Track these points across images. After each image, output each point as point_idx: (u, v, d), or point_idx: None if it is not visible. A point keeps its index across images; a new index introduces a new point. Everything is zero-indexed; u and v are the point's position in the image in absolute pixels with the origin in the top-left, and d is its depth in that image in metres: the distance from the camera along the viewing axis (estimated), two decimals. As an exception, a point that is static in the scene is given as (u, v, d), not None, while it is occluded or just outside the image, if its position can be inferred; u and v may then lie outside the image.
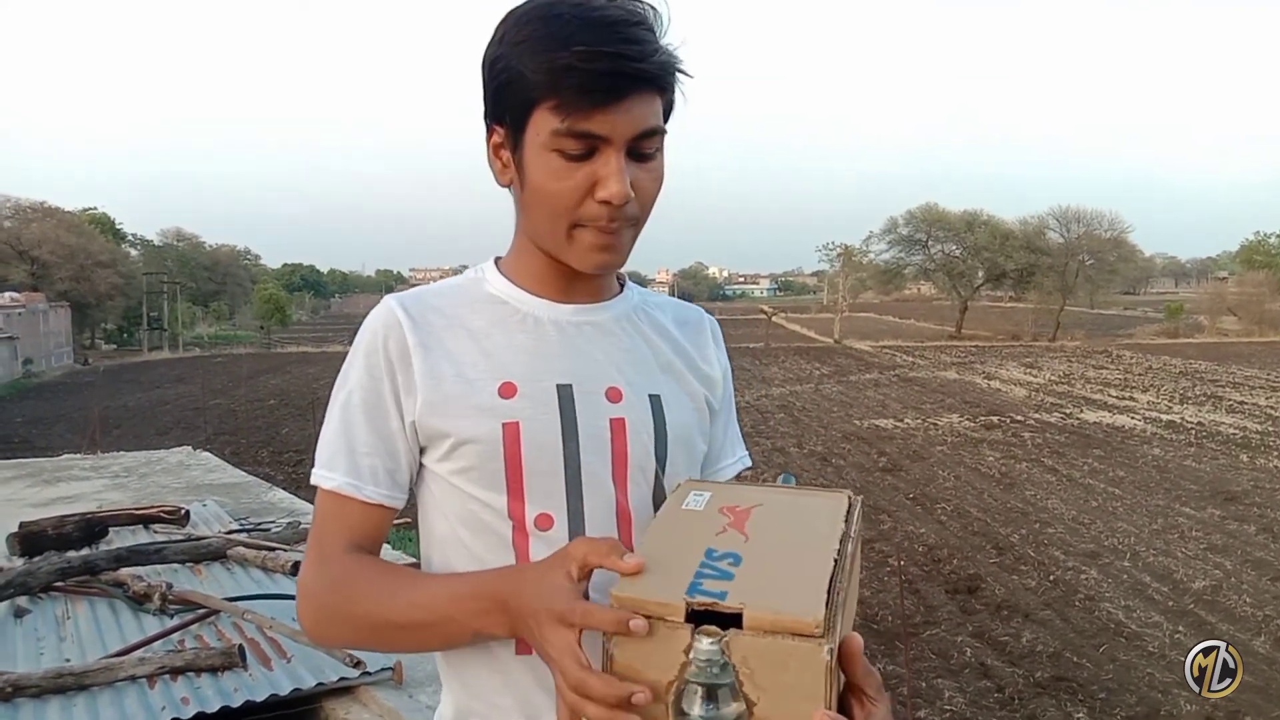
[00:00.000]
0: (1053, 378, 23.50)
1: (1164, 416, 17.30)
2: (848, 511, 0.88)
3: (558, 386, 0.98)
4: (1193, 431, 15.76)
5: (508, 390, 0.96)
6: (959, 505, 11.19)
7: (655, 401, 1.01)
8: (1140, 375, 23.69)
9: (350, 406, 0.98)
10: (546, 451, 0.95)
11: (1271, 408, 18.07)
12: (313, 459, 1.03)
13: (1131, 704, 5.97)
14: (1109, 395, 20.35)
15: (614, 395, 0.99)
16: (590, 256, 0.94)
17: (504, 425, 0.95)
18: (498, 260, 1.06)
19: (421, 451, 0.99)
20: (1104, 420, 17.01)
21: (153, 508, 5.61)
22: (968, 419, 17.22)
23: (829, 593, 0.75)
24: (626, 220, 0.93)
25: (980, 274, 42.25)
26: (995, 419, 17.25)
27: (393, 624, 0.92)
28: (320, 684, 3.24)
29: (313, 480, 1.00)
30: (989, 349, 31.68)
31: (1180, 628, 7.14)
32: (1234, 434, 15.45)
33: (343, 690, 3.29)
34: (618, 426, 0.98)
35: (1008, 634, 7.16)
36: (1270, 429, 15.80)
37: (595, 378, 0.99)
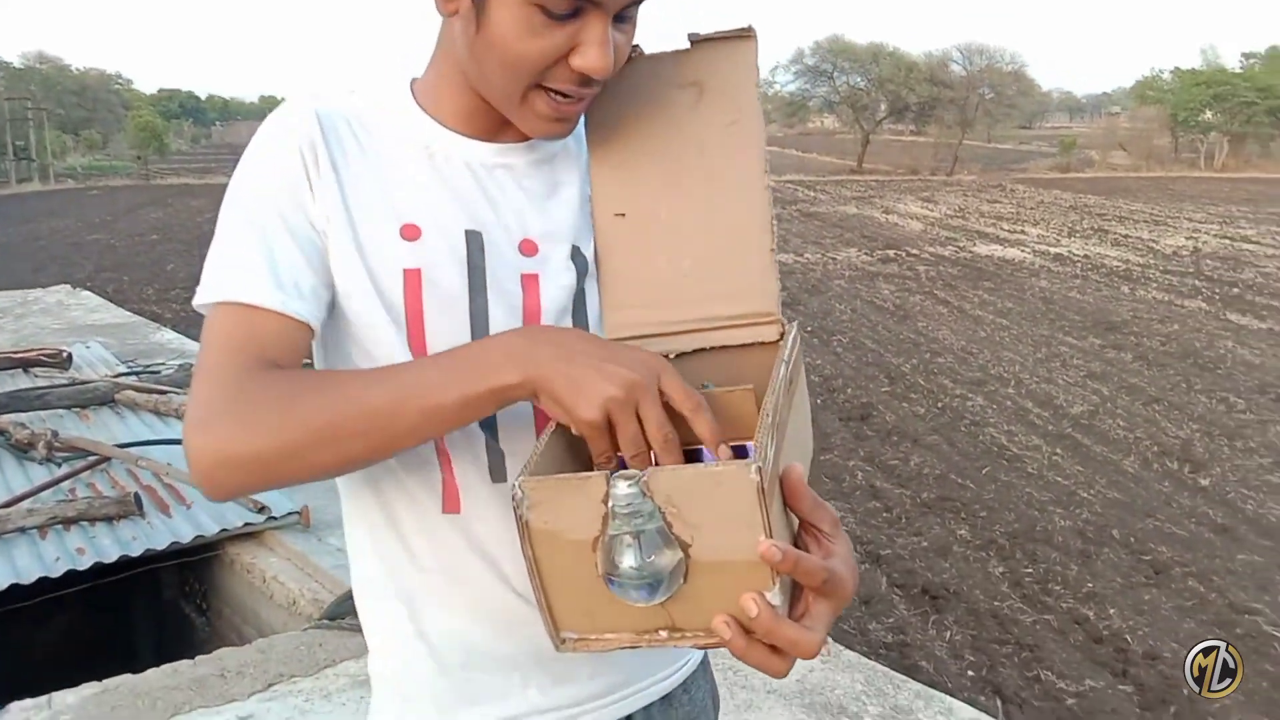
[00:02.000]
0: (948, 212, 23.95)
1: (1052, 250, 17.86)
2: (780, 338, 0.84)
3: (466, 233, 0.86)
4: (1078, 264, 16.34)
5: (410, 233, 0.85)
6: (854, 337, 11.47)
7: (577, 256, 0.90)
8: (1032, 209, 24.30)
9: (263, 211, 0.83)
10: (451, 305, 0.85)
11: (1154, 241, 18.81)
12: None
13: (1010, 521, 6.34)
14: (1001, 229, 20.87)
15: (528, 249, 0.89)
16: (542, 125, 0.84)
17: (405, 272, 0.83)
18: (413, 83, 0.92)
19: None
20: (995, 253, 17.49)
21: (32, 351, 5.36)
22: (865, 253, 17.50)
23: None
24: (597, 87, 0.82)
25: (883, 107, 42.21)
26: (892, 253, 17.57)
27: (351, 418, 0.74)
28: (224, 530, 3.21)
29: (210, 296, 0.82)
30: (888, 183, 32.00)
31: (1058, 450, 7.56)
32: (1117, 266, 16.07)
33: (247, 535, 3.27)
34: (530, 284, 0.88)
35: (897, 458, 7.48)
36: (1151, 262, 16.48)
37: (509, 228, 0.88)
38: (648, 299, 0.86)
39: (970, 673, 4.67)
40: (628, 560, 0.64)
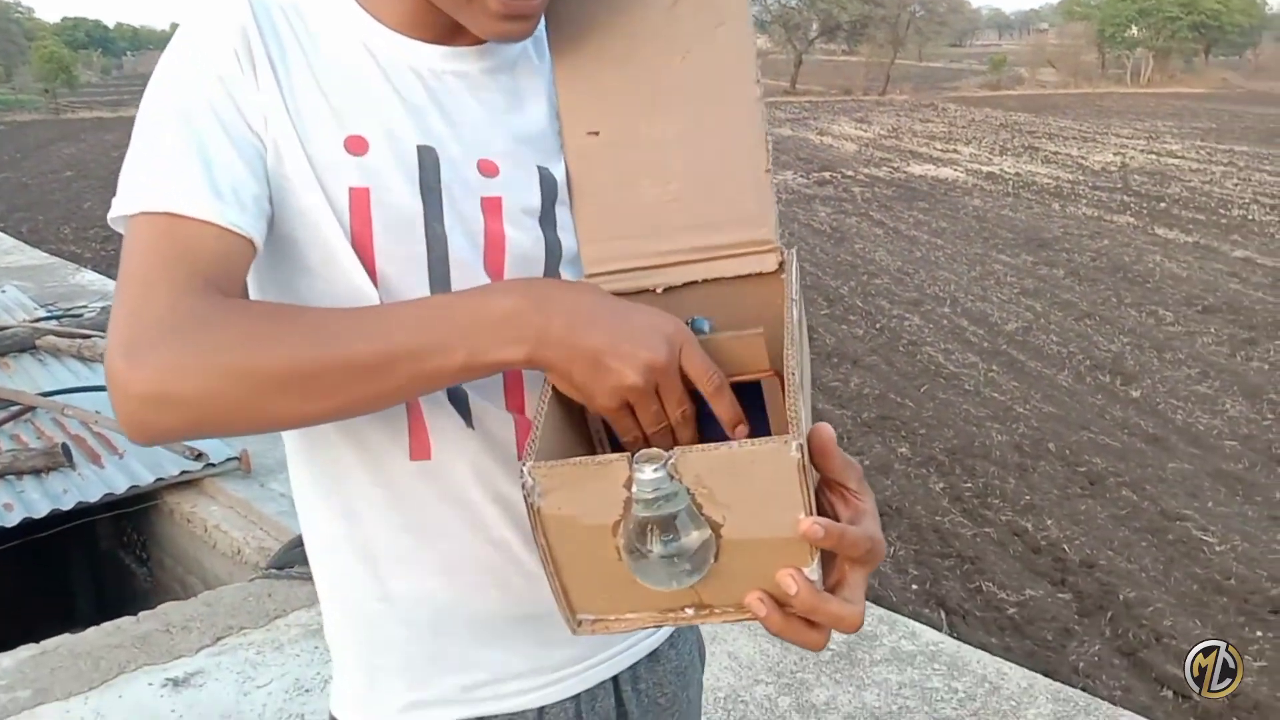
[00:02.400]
0: (882, 132, 23.99)
1: (984, 168, 18.01)
2: (780, 269, 0.77)
3: (419, 149, 0.76)
4: (1010, 182, 16.51)
5: (356, 145, 0.74)
6: (794, 260, 11.48)
7: (545, 178, 0.80)
8: (964, 128, 24.44)
9: (192, 106, 0.71)
10: (406, 229, 0.75)
11: (1083, 158, 19.05)
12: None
13: (949, 437, 6.46)
14: (934, 149, 20.98)
15: (487, 169, 0.79)
16: (495, 25, 0.74)
17: (351, 190, 0.74)
18: None
19: None
20: (929, 173, 17.58)
21: (-57, 297, 5.11)
22: (801, 176, 17.47)
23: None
24: None
25: (815, 26, 41.84)
26: (827, 174, 17.56)
27: (328, 369, 0.64)
28: (160, 479, 3.10)
29: (131, 206, 0.69)
30: (822, 104, 31.89)
31: (994, 366, 7.69)
32: (1048, 184, 16.27)
33: (186, 484, 3.16)
34: (491, 210, 0.78)
35: (837, 380, 7.55)
36: (1080, 178, 16.71)
37: (465, 143, 0.78)
38: (629, 228, 0.78)
39: (915, 586, 4.78)
40: (655, 546, 0.61)
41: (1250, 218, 13.00)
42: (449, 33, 0.80)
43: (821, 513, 0.62)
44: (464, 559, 0.81)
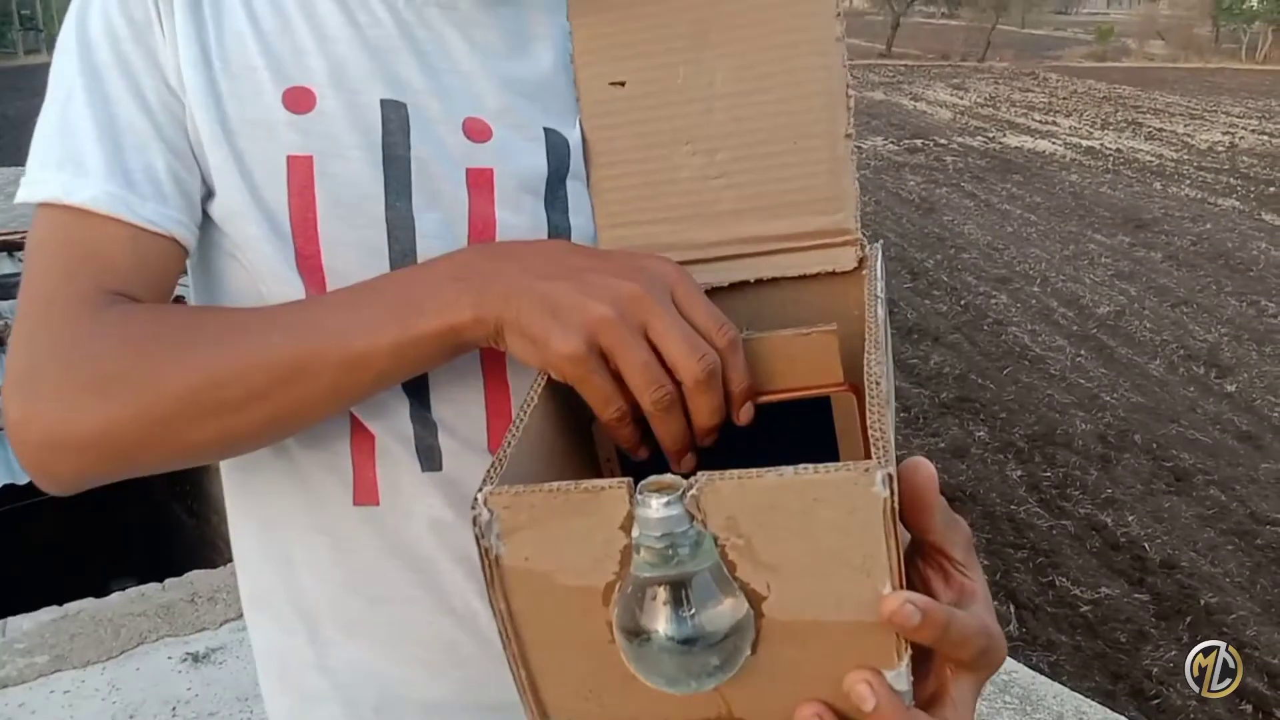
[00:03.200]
0: (979, 100, 23.24)
1: (1084, 142, 17.34)
2: (860, 266, 0.59)
3: (384, 104, 0.61)
4: (1111, 158, 15.87)
5: (299, 101, 0.60)
6: (878, 230, 11.21)
7: (555, 143, 0.64)
8: (1065, 99, 23.55)
9: (103, 67, 0.59)
10: (360, 210, 0.60)
11: (1188, 135, 18.22)
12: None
13: (1030, 423, 6.24)
14: (1032, 119, 20.27)
15: (477, 131, 0.63)
16: None
17: (289, 159, 0.59)
18: None
19: None
20: (1025, 145, 16.99)
21: (18, 234, 5.19)
22: (892, 142, 17.04)
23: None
24: None
25: (914, -13, 40.69)
26: (919, 142, 17.09)
27: (240, 375, 0.53)
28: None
29: (31, 194, 0.59)
30: (918, 68, 31.00)
31: (1082, 351, 7.40)
32: (1150, 161, 15.60)
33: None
34: (479, 185, 0.62)
35: (916, 357, 7.35)
36: (1185, 157, 15.99)
37: (450, 98, 0.62)
38: (662, 210, 0.61)
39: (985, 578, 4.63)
40: (662, 623, 0.42)
41: (1367, 207, 12.29)
42: None
43: (912, 588, 0.43)
44: (415, 630, 0.66)
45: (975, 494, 5.39)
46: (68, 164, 0.58)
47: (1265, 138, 18.07)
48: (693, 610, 0.42)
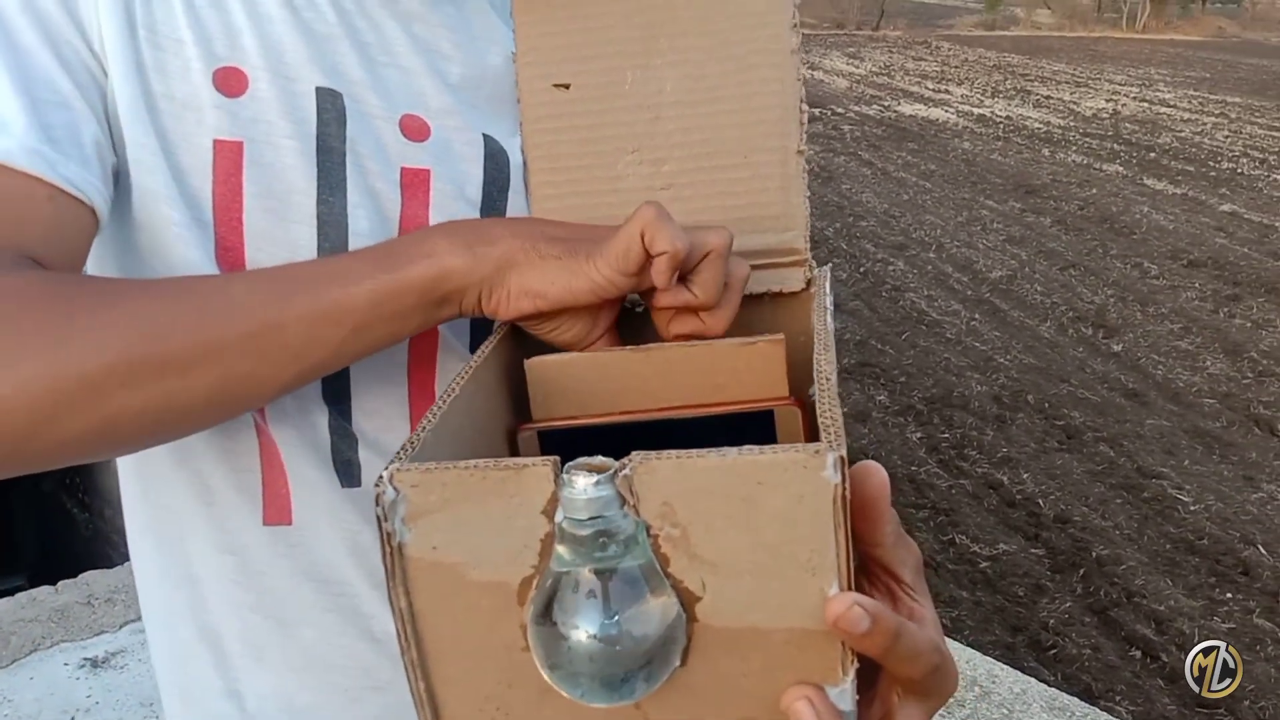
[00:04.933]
0: (874, 69, 23.59)
1: (975, 110, 17.75)
2: (809, 286, 0.58)
3: (319, 92, 0.57)
4: (1001, 125, 16.28)
5: (231, 83, 0.56)
6: (779, 199, 11.34)
7: (492, 149, 0.62)
8: (956, 68, 24.06)
9: (15, 22, 0.53)
10: (290, 203, 0.57)
11: (1075, 103, 18.80)
12: None
13: (928, 386, 6.39)
14: (926, 88, 20.67)
15: (414, 129, 0.60)
16: None
17: (216, 144, 0.55)
18: None
19: None
20: (920, 113, 17.31)
21: None
22: (791, 111, 17.17)
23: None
24: None
25: (810, -44, 41.05)
26: (817, 111, 17.26)
27: (191, 329, 0.47)
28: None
29: None
30: (814, 37, 31.30)
31: (977, 315, 7.60)
32: (1039, 128, 16.05)
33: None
34: (414, 183, 0.59)
35: (820, 325, 7.46)
36: (1071, 124, 16.50)
37: (386, 92, 0.59)
38: (604, 220, 0.56)
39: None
40: (582, 626, 0.37)
41: (1239, 171, 12.87)
42: None
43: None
44: (332, 655, 0.63)
45: (877, 456, 5.49)
46: None
47: (1145, 105, 18.76)
48: (618, 609, 0.37)
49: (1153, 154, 14.06)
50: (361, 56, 0.60)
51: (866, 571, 0.44)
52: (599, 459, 0.38)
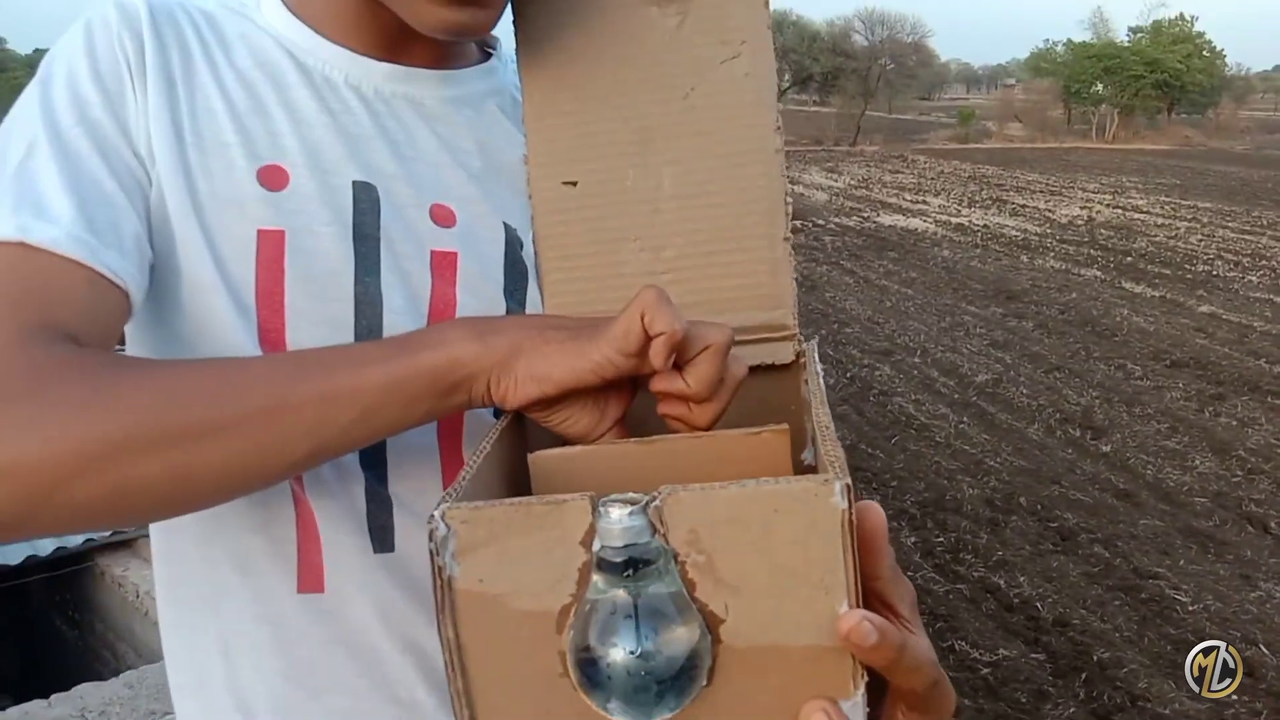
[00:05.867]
0: (852, 182, 24.21)
1: (953, 219, 18.16)
2: (798, 359, 0.62)
3: (355, 186, 0.62)
4: (979, 234, 16.64)
5: (273, 178, 0.61)
6: (765, 309, 11.47)
7: (511, 236, 0.66)
8: (933, 180, 24.71)
9: (67, 128, 0.58)
10: (329, 284, 0.60)
11: (1050, 210, 19.27)
12: None
13: (920, 490, 6.38)
14: (904, 199, 21.17)
15: (442, 216, 0.65)
16: (440, 13, 0.58)
17: (260, 234, 0.59)
18: None
19: None
20: (899, 223, 17.70)
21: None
22: (773, 223, 17.51)
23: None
24: None
25: (787, 77, 42.48)
26: (799, 223, 17.63)
27: (209, 404, 0.49)
28: (90, 540, 2.93)
29: None
30: (793, 154, 32.17)
31: (965, 418, 7.63)
32: (1016, 236, 16.41)
33: (118, 545, 2.99)
34: (442, 265, 0.64)
35: (809, 431, 7.47)
36: (1048, 231, 16.87)
37: (416, 183, 0.64)
38: (609, 302, 0.60)
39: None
40: (618, 645, 0.40)
41: (1215, 273, 13.13)
42: (399, 45, 0.66)
43: None
44: None
45: (873, 564, 5.45)
46: (26, 207, 0.55)
47: (1119, 211, 19.24)
48: (650, 632, 0.40)
49: (1129, 258, 14.35)
50: (393, 153, 0.65)
51: (867, 604, 0.45)
52: (631, 494, 0.42)
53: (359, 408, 0.51)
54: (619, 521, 0.41)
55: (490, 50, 0.74)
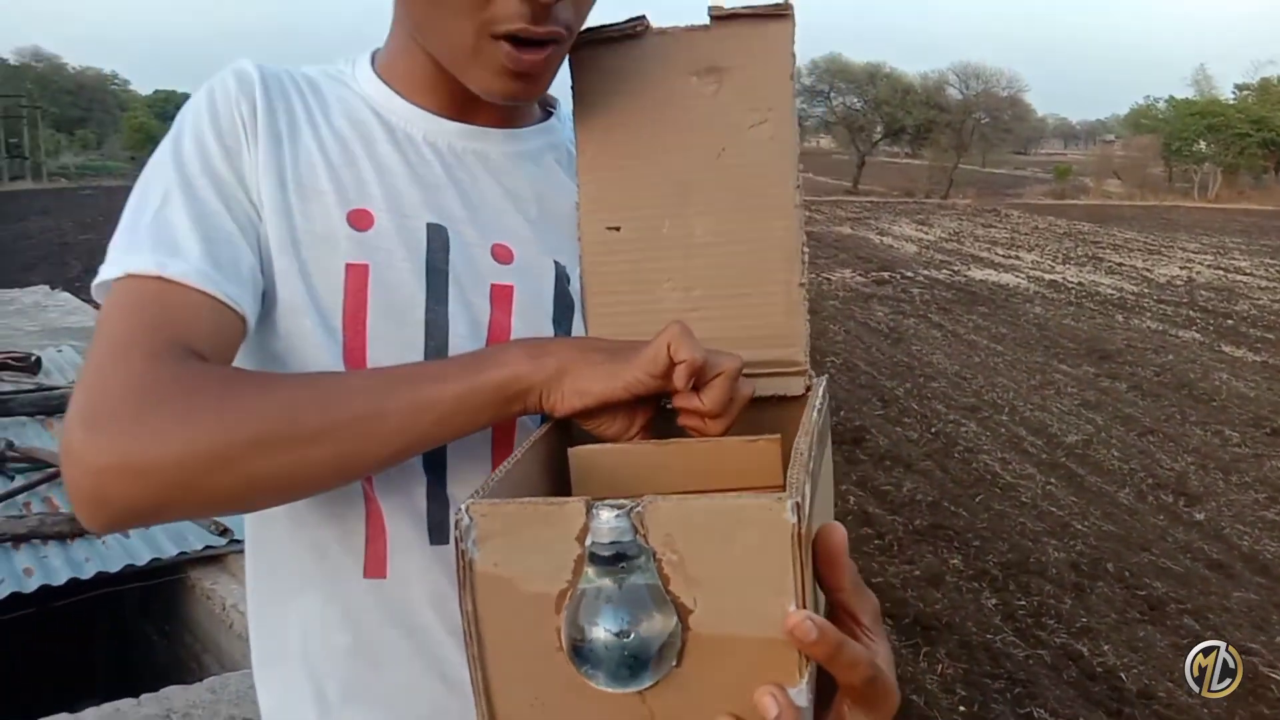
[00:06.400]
0: (943, 235, 23.95)
1: (1047, 276, 17.82)
2: (807, 392, 0.70)
3: (429, 227, 0.72)
4: (1073, 291, 16.29)
5: (361, 220, 0.72)
6: (847, 359, 11.38)
7: (560, 272, 0.76)
8: (1026, 235, 24.32)
9: (195, 174, 0.69)
10: (403, 311, 0.70)
11: (1148, 270, 18.79)
12: None
13: (1003, 551, 6.22)
14: (996, 254, 20.86)
15: (502, 254, 0.74)
16: (500, 82, 0.68)
17: (348, 267, 0.69)
18: (374, 54, 0.79)
19: None
20: (990, 278, 17.44)
21: None
22: (859, 274, 17.44)
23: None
24: (557, 28, 0.65)
25: (879, 129, 42.34)
26: (886, 275, 17.51)
27: (315, 413, 0.60)
28: (183, 552, 3.05)
29: (118, 269, 0.66)
30: (884, 205, 32.02)
31: (1052, 479, 7.44)
32: (1111, 294, 16.03)
33: (209, 559, 3.10)
34: (500, 297, 0.73)
35: (889, 484, 7.36)
36: (1145, 290, 16.45)
37: (481, 226, 0.74)
38: (646, 334, 0.68)
39: (962, 708, 4.53)
40: (603, 625, 0.49)
41: (1322, 339, 12.62)
42: (468, 107, 0.76)
43: None
44: (413, 693, 0.73)
45: (951, 623, 5.32)
46: (163, 247, 0.66)
47: (1221, 272, 18.66)
48: (629, 616, 0.49)
49: (1230, 321, 13.88)
50: (462, 200, 0.76)
51: (834, 616, 0.53)
52: (620, 500, 0.49)
53: (437, 415, 0.62)
54: (607, 522, 0.49)
55: (550, 109, 0.85)
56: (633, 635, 0.49)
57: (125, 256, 0.67)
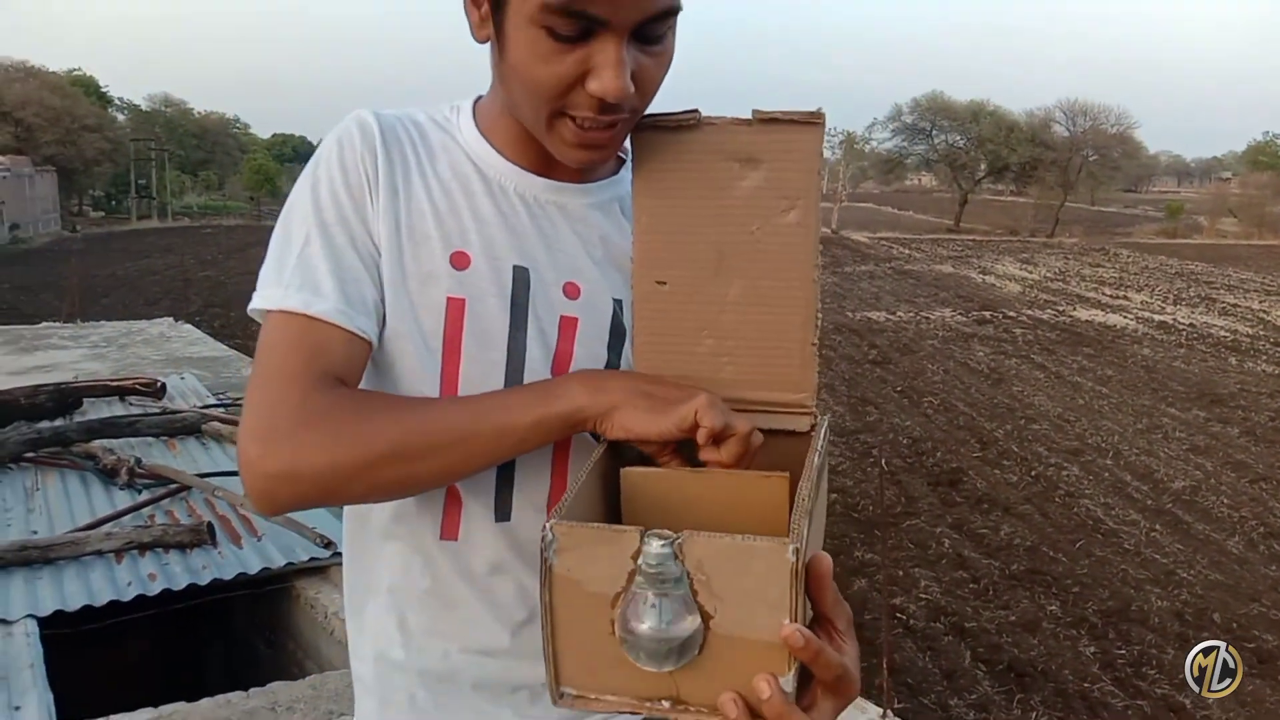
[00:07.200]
0: (1048, 274, 23.40)
1: (1156, 317, 17.28)
2: (811, 429, 0.84)
3: (515, 268, 0.86)
4: (1184, 333, 15.76)
5: (460, 260, 0.85)
6: (946, 399, 11.22)
7: (618, 308, 0.90)
8: (1136, 274, 23.60)
9: (328, 219, 0.83)
10: (490, 339, 0.84)
11: (1264, 311, 18.05)
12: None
13: (1104, 598, 6.06)
14: (1103, 294, 20.30)
15: (571, 291, 0.88)
16: (571, 152, 0.82)
17: (449, 300, 0.84)
18: (477, 102, 0.92)
19: None
20: (1096, 319, 16.99)
21: (129, 380, 5.55)
22: (960, 313, 17.17)
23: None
24: (622, 114, 0.78)
25: (982, 166, 41.68)
26: (988, 314, 17.21)
27: (429, 434, 0.76)
28: (290, 563, 3.22)
29: (272, 302, 0.81)
30: (986, 243, 31.46)
31: (1157, 526, 7.22)
32: (1224, 336, 15.45)
33: (314, 570, 3.28)
34: (567, 327, 0.88)
35: (986, 526, 7.23)
36: (1261, 333, 15.81)
37: (556, 267, 0.88)
38: (682, 371, 0.85)
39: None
40: (647, 622, 0.65)
41: None
42: (551, 165, 0.89)
43: None
44: (474, 632, 0.90)
45: (1047, 670, 5.20)
46: (308, 288, 0.81)
47: (1345, 315, 17.79)
48: (667, 616, 0.65)
49: (1354, 366, 13.24)
50: (544, 243, 0.89)
51: (818, 623, 0.69)
52: (665, 531, 0.65)
53: (517, 438, 0.78)
54: (655, 548, 0.64)
55: (624, 158, 0.96)
56: (668, 632, 0.65)
57: (280, 291, 0.81)
